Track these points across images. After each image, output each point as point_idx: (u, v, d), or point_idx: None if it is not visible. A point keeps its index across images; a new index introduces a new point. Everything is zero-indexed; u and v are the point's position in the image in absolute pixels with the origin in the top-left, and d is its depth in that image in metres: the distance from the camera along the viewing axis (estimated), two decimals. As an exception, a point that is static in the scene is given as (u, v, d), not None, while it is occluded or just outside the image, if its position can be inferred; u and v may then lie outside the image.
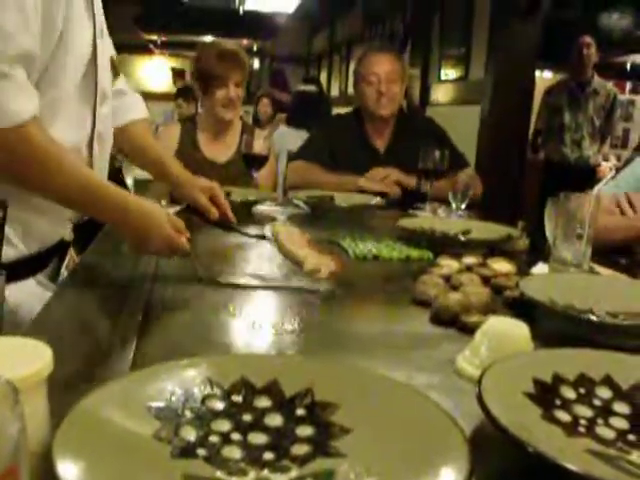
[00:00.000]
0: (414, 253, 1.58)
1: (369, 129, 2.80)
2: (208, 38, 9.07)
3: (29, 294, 1.29)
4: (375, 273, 1.48)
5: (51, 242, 1.39)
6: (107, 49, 1.42)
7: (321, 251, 1.40)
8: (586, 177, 4.83)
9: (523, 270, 1.41)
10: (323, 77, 10.69)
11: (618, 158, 6.57)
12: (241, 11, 9.19)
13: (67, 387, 0.65)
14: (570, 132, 5.15)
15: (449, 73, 5.87)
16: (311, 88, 5.09)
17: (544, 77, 7.44)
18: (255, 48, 12.32)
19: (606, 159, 5.56)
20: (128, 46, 11.88)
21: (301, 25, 11.09)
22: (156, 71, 13.19)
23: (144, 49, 12.69)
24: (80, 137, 1.31)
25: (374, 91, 2.68)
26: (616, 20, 6.68)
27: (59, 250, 1.45)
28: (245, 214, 2.10)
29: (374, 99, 2.69)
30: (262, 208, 2.19)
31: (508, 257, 1.47)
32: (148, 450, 0.57)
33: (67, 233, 1.47)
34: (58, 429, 0.53)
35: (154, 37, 12.00)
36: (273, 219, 2.02)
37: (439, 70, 6.07)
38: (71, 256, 1.56)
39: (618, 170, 2.33)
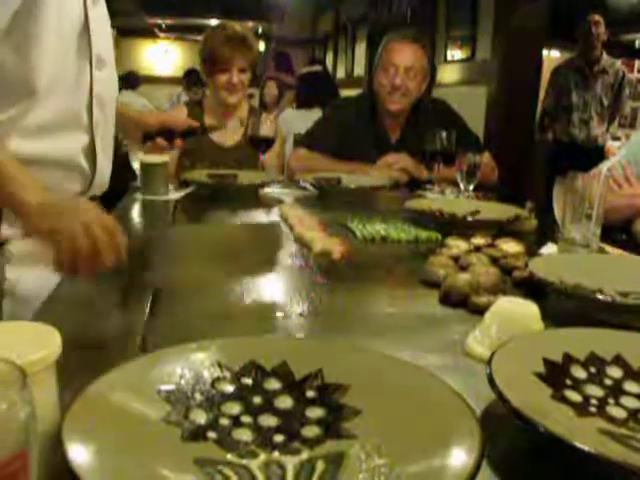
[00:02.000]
0: (422, 234, 1.57)
1: (382, 117, 2.69)
2: (214, 21, 9.04)
3: (29, 271, 1.26)
4: (383, 255, 1.48)
5: None
6: (102, 17, 1.41)
7: (330, 233, 1.41)
8: (594, 157, 4.78)
9: (532, 250, 1.41)
10: (329, 59, 10.65)
11: (627, 137, 6.52)
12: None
13: (76, 371, 0.65)
14: (578, 112, 5.11)
15: (455, 54, 5.84)
16: (316, 68, 5.08)
17: (552, 56, 7.39)
18: (260, 30, 12.26)
19: (615, 138, 5.52)
20: (133, 30, 11.86)
21: (306, 7, 11.04)
22: (161, 55, 13.15)
23: (149, 33, 12.65)
24: (79, 101, 1.32)
25: (388, 83, 2.57)
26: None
27: None
28: (252, 197, 2.10)
29: (387, 91, 2.58)
30: (269, 190, 2.19)
31: (517, 237, 1.46)
32: (158, 433, 0.57)
33: None
34: (68, 413, 0.53)
35: (159, 21, 11.95)
36: (280, 201, 2.02)
37: (445, 50, 6.03)
38: None
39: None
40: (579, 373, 0.74)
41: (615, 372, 0.75)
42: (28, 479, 0.40)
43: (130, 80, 8.13)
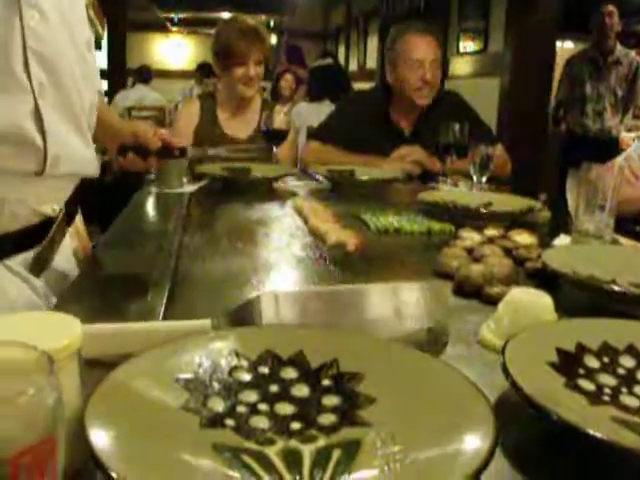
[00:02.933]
0: (435, 226, 1.58)
1: (396, 110, 2.70)
2: (225, 14, 9.04)
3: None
4: (397, 246, 1.49)
5: (24, 223, 1.18)
6: None
7: (344, 225, 1.41)
8: (608, 148, 4.77)
9: (545, 242, 1.41)
10: (341, 52, 10.64)
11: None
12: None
13: (97, 359, 0.66)
14: (592, 103, 5.09)
15: (468, 45, 5.83)
16: (328, 61, 5.08)
17: (565, 47, 7.35)
18: (272, 24, 12.25)
19: (630, 130, 5.49)
20: (145, 24, 11.88)
21: (318, 0, 11.03)
22: (174, 49, 13.17)
23: (161, 27, 12.67)
24: (10, 57, 1.08)
25: (417, 79, 2.56)
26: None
27: (40, 231, 1.22)
28: (266, 189, 2.11)
29: (416, 87, 2.58)
30: (282, 183, 2.20)
31: (530, 229, 1.46)
32: (177, 420, 0.58)
33: (51, 208, 1.24)
34: (90, 399, 0.54)
35: (171, 14, 11.96)
36: (294, 194, 2.03)
37: (458, 43, 6.02)
38: (77, 231, 1.42)
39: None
40: (592, 363, 0.75)
41: (628, 362, 0.76)
42: (56, 463, 0.42)
43: (143, 74, 8.16)
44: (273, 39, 12.02)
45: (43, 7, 1.12)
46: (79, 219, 1.43)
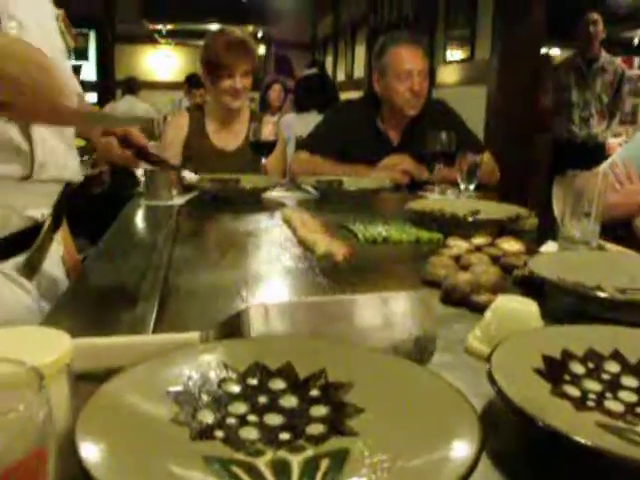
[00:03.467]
0: (423, 235, 1.59)
1: (384, 120, 2.73)
2: (214, 26, 9.07)
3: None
4: (385, 256, 1.50)
5: (14, 229, 1.21)
6: None
7: (333, 235, 1.42)
8: (595, 155, 4.81)
9: (532, 249, 1.42)
10: (329, 62, 10.66)
11: (627, 134, 6.52)
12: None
13: (87, 373, 0.67)
14: (578, 110, 5.13)
15: (454, 54, 5.86)
16: (313, 71, 5.10)
17: (551, 54, 7.40)
18: (260, 34, 12.28)
19: (616, 136, 5.53)
20: (133, 37, 11.90)
21: (305, 10, 11.07)
22: (162, 61, 13.18)
23: (150, 39, 12.69)
24: None
25: (406, 89, 2.60)
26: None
27: (29, 236, 1.25)
28: (255, 200, 2.11)
29: (406, 98, 2.61)
30: (271, 194, 2.20)
31: (517, 236, 1.48)
32: (168, 433, 0.58)
33: (40, 212, 1.26)
34: (81, 414, 0.55)
35: (159, 27, 11.99)
36: (282, 205, 2.03)
37: (444, 51, 6.05)
38: (64, 241, 1.42)
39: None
40: (578, 369, 0.76)
41: (613, 367, 0.77)
42: (46, 478, 0.42)
43: (130, 85, 8.18)
44: (261, 50, 12.06)
45: (21, 18, 1.15)
46: (65, 226, 1.45)
